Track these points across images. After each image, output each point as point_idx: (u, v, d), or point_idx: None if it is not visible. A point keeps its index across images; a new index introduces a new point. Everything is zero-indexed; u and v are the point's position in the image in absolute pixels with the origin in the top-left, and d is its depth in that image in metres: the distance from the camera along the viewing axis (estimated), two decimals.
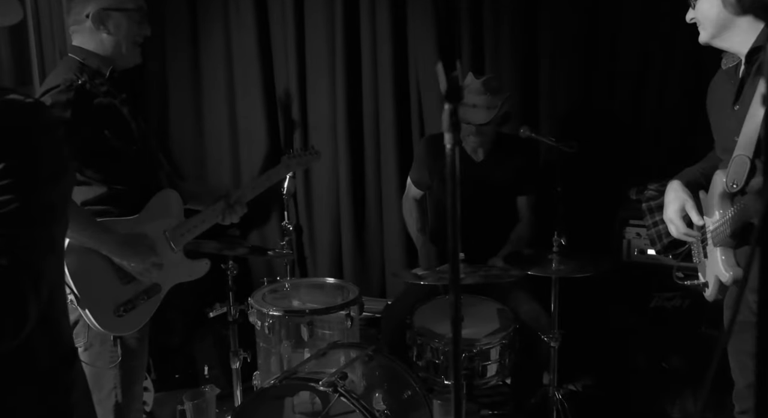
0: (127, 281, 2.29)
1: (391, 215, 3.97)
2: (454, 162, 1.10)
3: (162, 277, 2.42)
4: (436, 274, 2.91)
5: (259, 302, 3.14)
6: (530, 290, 3.18)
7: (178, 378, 3.93)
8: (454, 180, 1.11)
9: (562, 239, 2.79)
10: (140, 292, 2.33)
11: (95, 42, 2.34)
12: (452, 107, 1.07)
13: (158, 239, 2.42)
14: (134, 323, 2.33)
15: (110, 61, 2.36)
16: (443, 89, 1.06)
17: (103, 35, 2.33)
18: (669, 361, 3.07)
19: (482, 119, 3.10)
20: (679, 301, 3.03)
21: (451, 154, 1.10)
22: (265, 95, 4.16)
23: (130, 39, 2.37)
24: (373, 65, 3.88)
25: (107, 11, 2.31)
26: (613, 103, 3.57)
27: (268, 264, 4.32)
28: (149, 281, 2.35)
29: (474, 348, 2.72)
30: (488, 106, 3.10)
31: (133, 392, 2.41)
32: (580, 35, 3.55)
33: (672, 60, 3.40)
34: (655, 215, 3.03)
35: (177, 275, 2.52)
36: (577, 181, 3.38)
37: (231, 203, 2.63)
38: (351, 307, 3.08)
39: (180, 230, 2.51)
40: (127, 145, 2.34)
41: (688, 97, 3.40)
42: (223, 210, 2.62)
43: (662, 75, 3.44)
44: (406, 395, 2.76)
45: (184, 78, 4.31)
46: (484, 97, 3.10)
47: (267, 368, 3.26)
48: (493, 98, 3.11)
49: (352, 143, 4.00)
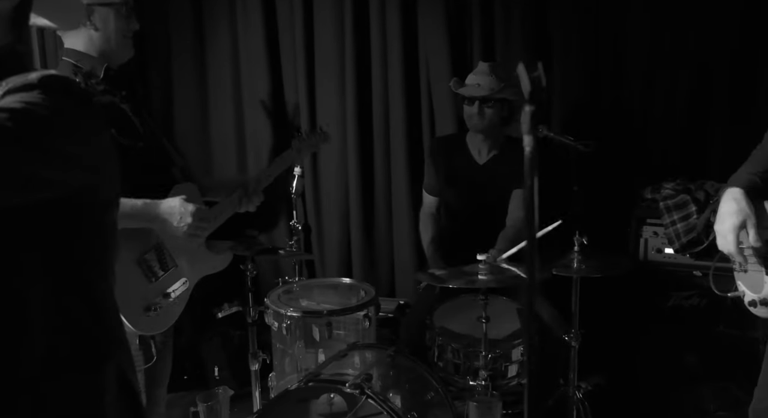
0: (155, 278, 2.27)
1: (400, 214, 3.95)
2: (533, 165, 1.08)
3: (188, 271, 2.40)
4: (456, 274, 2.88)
5: (276, 302, 3.11)
6: (546, 290, 3.18)
7: (187, 380, 3.89)
8: (532, 184, 1.08)
9: (584, 238, 2.77)
10: (167, 289, 2.32)
11: (84, 41, 2.30)
12: (533, 109, 1.05)
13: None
14: (165, 321, 2.33)
15: (103, 59, 2.33)
16: (526, 90, 1.03)
17: (92, 32, 2.30)
18: (686, 360, 3.06)
19: (483, 93, 3.15)
20: (697, 300, 3.03)
21: (531, 157, 1.07)
22: (273, 95, 4.13)
23: (119, 33, 2.34)
24: (383, 63, 3.85)
25: (92, 6, 2.28)
26: (623, 101, 3.57)
27: (276, 264, 4.29)
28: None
29: (497, 349, 2.71)
30: (491, 88, 3.17)
31: (157, 396, 2.38)
32: (591, 33, 3.55)
33: (682, 58, 3.41)
34: (673, 213, 3.05)
35: (202, 269, 2.52)
36: (591, 180, 3.37)
37: (249, 192, 2.63)
38: (369, 307, 3.06)
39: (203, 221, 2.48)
40: (133, 142, 2.31)
41: (699, 96, 3.41)
42: (240, 199, 2.62)
43: (673, 73, 3.44)
44: (429, 396, 2.74)
45: (189, 77, 4.27)
46: (489, 79, 3.19)
47: (282, 369, 3.23)
48: (498, 82, 3.18)
49: (362, 142, 3.97)
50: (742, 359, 2.97)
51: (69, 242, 1.32)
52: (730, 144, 3.36)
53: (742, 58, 3.30)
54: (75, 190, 1.27)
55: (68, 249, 1.32)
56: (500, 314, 2.91)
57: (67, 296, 1.31)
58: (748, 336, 2.95)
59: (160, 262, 2.33)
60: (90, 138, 1.30)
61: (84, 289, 1.36)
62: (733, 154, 3.34)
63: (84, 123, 1.29)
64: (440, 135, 3.74)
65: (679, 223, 3.01)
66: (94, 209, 1.35)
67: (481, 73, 3.24)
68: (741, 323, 2.96)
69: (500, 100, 3.20)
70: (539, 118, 1.06)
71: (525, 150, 1.07)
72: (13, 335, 1.24)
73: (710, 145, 3.41)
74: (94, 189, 1.31)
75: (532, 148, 1.07)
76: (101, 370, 1.40)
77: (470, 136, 3.37)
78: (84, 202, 1.31)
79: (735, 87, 3.33)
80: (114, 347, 1.45)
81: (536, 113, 1.05)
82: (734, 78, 3.33)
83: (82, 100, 1.31)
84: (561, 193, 3.29)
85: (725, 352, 2.98)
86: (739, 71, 3.31)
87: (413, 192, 3.82)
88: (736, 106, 3.34)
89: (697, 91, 3.41)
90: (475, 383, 2.68)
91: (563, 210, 3.32)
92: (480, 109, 3.19)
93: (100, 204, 1.36)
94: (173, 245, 2.38)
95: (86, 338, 1.38)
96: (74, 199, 1.28)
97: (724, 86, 3.35)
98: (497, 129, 3.29)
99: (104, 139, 1.37)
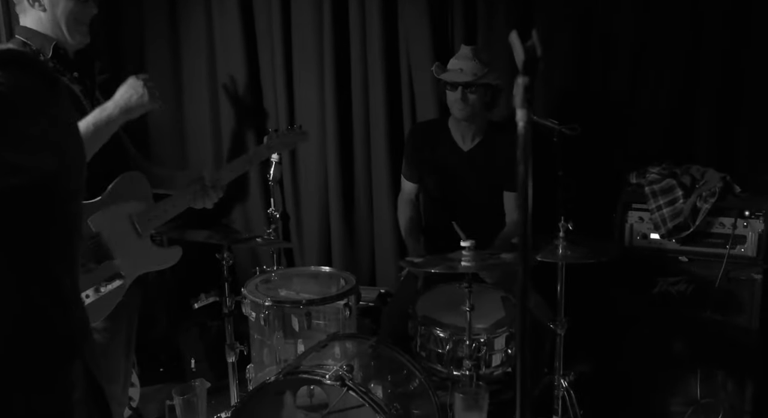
0: (86, 269, 2.16)
1: (381, 201, 3.87)
2: (528, 143, 1.00)
3: (126, 266, 2.28)
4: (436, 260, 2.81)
5: (253, 292, 3.03)
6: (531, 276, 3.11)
7: (163, 372, 3.81)
8: (526, 163, 1.01)
9: (569, 224, 2.71)
10: (99, 281, 2.20)
11: (34, 20, 2.22)
12: (527, 81, 0.97)
13: (123, 224, 2.29)
14: (94, 315, 2.18)
15: (51, 39, 2.22)
16: (519, 60, 0.95)
17: (40, 13, 2.21)
18: (673, 346, 3.02)
19: (466, 78, 3.07)
20: (684, 286, 2.98)
21: (524, 133, 1.00)
22: (250, 83, 4.04)
23: (69, 17, 2.23)
24: (362, 48, 3.76)
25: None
26: (609, 85, 3.50)
27: (254, 253, 4.20)
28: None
29: (481, 338, 2.64)
30: (474, 73, 3.10)
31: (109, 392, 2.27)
32: (575, 17, 3.47)
33: (668, 42, 3.35)
34: (659, 198, 2.99)
35: (144, 264, 2.39)
36: (575, 165, 3.31)
37: (206, 186, 2.49)
38: (349, 296, 2.99)
39: (147, 215, 2.37)
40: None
41: (685, 79, 3.35)
42: (195, 193, 2.48)
43: (659, 57, 3.38)
44: (412, 387, 2.68)
45: (164, 64, 4.17)
46: (472, 63, 3.11)
47: (260, 360, 3.15)
48: (481, 67, 3.11)
49: (341, 128, 3.88)
50: (729, 345, 2.93)
51: (34, 233, 1.24)
52: (717, 128, 3.32)
53: (729, 42, 3.25)
54: (41, 175, 1.18)
55: (33, 240, 1.24)
56: (484, 303, 2.85)
57: (32, 289, 1.24)
58: (735, 322, 2.91)
59: (95, 253, 2.21)
60: (56, 119, 1.22)
61: (50, 282, 1.29)
62: (720, 139, 3.33)
63: (49, 103, 1.20)
64: (421, 121, 3.65)
65: (665, 208, 2.96)
66: (61, 196, 1.27)
67: (463, 57, 3.15)
68: (728, 309, 2.91)
69: (483, 85, 3.12)
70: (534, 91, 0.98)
71: (518, 125, 1.00)
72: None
73: (697, 129, 3.35)
74: (60, 175, 1.23)
75: (526, 123, 1.00)
76: (69, 366, 1.32)
77: (452, 121, 3.29)
78: (51, 190, 1.23)
79: (722, 70, 3.28)
80: (81, 343, 1.37)
81: (530, 86, 0.98)
82: (721, 61, 3.27)
83: (46, 77, 1.22)
84: (545, 179, 3.24)
85: (712, 338, 2.93)
86: (726, 55, 3.26)
87: (394, 179, 3.74)
88: (723, 89, 3.29)
89: (683, 74, 3.35)
90: (459, 373, 2.62)
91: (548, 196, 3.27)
92: (463, 95, 3.10)
93: (66, 191, 1.27)
94: (115, 238, 2.25)
95: (53, 333, 1.31)
96: (40, 186, 1.20)
97: (711, 70, 3.29)
98: (480, 114, 3.21)
99: (71, 120, 1.28)
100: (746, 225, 2.89)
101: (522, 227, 1.02)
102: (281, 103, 3.99)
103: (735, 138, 3.31)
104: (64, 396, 1.30)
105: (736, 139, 3.31)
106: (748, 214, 2.88)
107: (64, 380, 1.30)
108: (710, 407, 2.97)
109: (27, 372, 1.24)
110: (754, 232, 2.88)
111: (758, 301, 2.88)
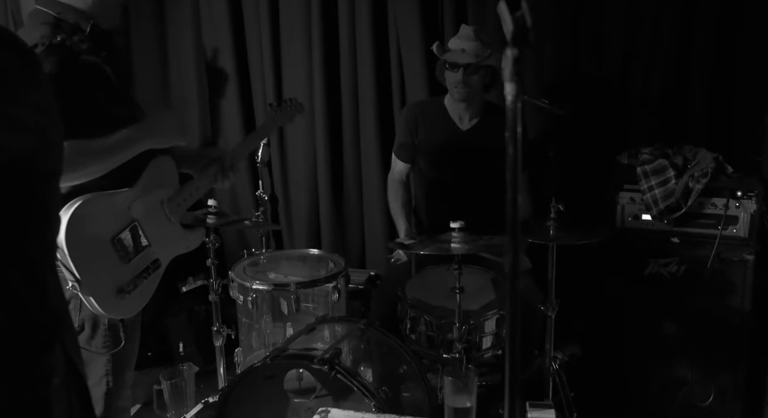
0: (128, 259, 2.11)
1: (370, 183, 3.83)
2: (516, 118, 0.96)
3: (161, 251, 2.25)
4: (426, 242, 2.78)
5: (241, 275, 2.99)
6: None
7: (151, 356, 3.77)
8: (515, 140, 0.97)
9: (561, 205, 2.68)
10: (141, 270, 2.15)
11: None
12: (517, 54, 0.92)
13: (156, 210, 2.26)
14: (137, 304, 2.16)
15: (90, 16, 2.09)
16: (508, 31, 0.91)
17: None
18: (664, 328, 3.00)
19: (469, 60, 3.03)
20: (675, 267, 2.96)
21: (513, 107, 0.96)
22: (237, 61, 3.97)
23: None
24: (350, 27, 3.71)
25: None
26: (601, 65, 3.46)
27: (242, 236, 4.16)
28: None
29: (471, 320, 2.61)
30: (477, 54, 3.05)
31: (124, 379, 2.24)
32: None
33: (660, 22, 3.30)
34: (651, 179, 2.96)
35: (175, 248, 2.36)
36: (567, 146, 3.28)
37: (225, 167, 2.47)
38: (338, 279, 2.96)
39: (176, 200, 2.34)
40: (118, 108, 2.13)
41: (678, 59, 3.32)
42: (216, 174, 2.46)
43: (653, 37, 3.34)
44: (402, 370, 2.65)
45: (149, 36, 4.08)
46: (474, 44, 3.06)
47: (249, 344, 3.13)
48: (483, 48, 3.07)
49: (329, 109, 3.83)
50: (720, 327, 2.92)
51: (10, 215, 1.19)
52: (710, 108, 3.29)
53: (723, 21, 3.21)
54: (18, 156, 1.13)
55: (9, 222, 1.19)
56: (474, 285, 2.81)
57: (8, 271, 1.19)
58: (727, 303, 2.89)
59: (134, 242, 2.15)
60: (36, 99, 1.17)
61: (25, 265, 1.24)
62: (712, 119, 3.30)
63: (28, 83, 1.15)
64: (416, 100, 3.59)
65: (657, 188, 2.93)
66: (39, 178, 1.22)
67: (465, 37, 3.09)
68: (720, 290, 2.90)
69: (484, 66, 3.08)
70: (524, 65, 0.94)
71: (506, 99, 0.95)
72: None
73: (689, 110, 3.32)
74: (37, 155, 1.18)
75: (515, 98, 0.95)
76: (48, 351, 1.28)
77: (449, 101, 3.24)
78: (27, 171, 1.18)
79: (715, 51, 3.24)
80: (59, 328, 1.33)
81: (520, 58, 0.93)
82: (715, 42, 3.24)
83: (24, 53, 1.17)
84: (537, 160, 3.21)
85: (704, 319, 2.92)
86: (719, 35, 3.22)
87: (383, 160, 3.70)
88: (716, 70, 3.25)
89: (676, 54, 3.31)
90: (449, 355, 2.59)
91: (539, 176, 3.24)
92: (465, 76, 3.05)
93: (44, 173, 1.23)
94: (148, 225, 2.21)
95: (29, 317, 1.26)
96: (17, 167, 1.15)
97: (704, 50, 3.26)
98: (479, 95, 3.17)
99: (49, 100, 1.23)
100: (738, 206, 2.87)
101: (511, 207, 0.98)
102: (268, 81, 3.93)
103: (727, 118, 3.28)
104: (42, 382, 1.26)
105: (728, 119, 3.28)
106: (740, 194, 2.86)
107: (42, 366, 1.27)
108: (701, 388, 2.96)
109: (4, 357, 1.21)
110: (746, 212, 2.86)
111: (750, 282, 2.86)
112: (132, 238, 2.15)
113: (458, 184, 3.24)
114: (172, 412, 3.19)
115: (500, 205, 3.26)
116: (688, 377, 2.95)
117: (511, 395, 1.06)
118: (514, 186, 0.96)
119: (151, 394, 3.39)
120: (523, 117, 3.09)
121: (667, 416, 2.96)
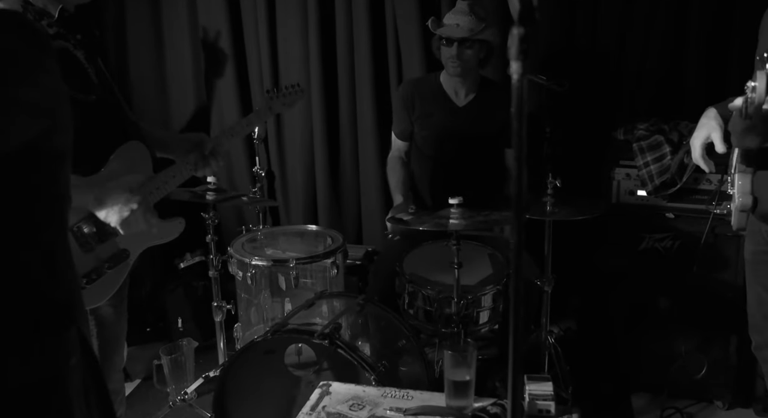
0: (89, 248, 2.03)
1: (367, 159, 3.84)
2: (522, 97, 0.97)
3: (129, 241, 2.14)
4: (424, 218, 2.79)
5: (240, 251, 3.01)
6: None
7: (150, 332, 3.79)
8: (521, 118, 0.98)
9: (557, 180, 2.70)
10: (103, 260, 2.06)
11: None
12: (523, 32, 0.93)
13: None
14: (100, 295, 2.07)
15: (58, 2, 2.01)
16: (515, 9, 0.92)
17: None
18: (659, 302, 3.04)
19: (463, 34, 3.03)
20: (670, 242, 2.99)
21: (519, 86, 0.97)
22: (233, 36, 3.94)
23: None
24: (347, 1, 3.67)
25: None
26: (597, 41, 3.46)
27: (239, 212, 4.17)
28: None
29: (469, 295, 2.64)
30: (471, 29, 3.05)
31: (112, 362, 2.21)
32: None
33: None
34: (646, 154, 2.98)
35: (147, 238, 2.21)
36: (563, 122, 3.28)
37: (206, 154, 2.34)
38: (336, 255, 2.98)
39: (148, 188, 2.15)
40: (85, 95, 2.03)
41: (674, 36, 3.32)
42: (196, 163, 2.32)
43: (648, 14, 3.34)
44: (400, 345, 2.68)
45: (144, 21, 4.04)
46: (468, 18, 3.06)
47: (248, 319, 3.15)
48: (477, 22, 3.06)
49: (326, 84, 3.82)
50: (714, 301, 2.95)
51: (22, 198, 1.20)
52: (706, 84, 3.29)
53: None
54: (28, 140, 1.14)
55: (22, 206, 1.20)
56: (471, 260, 2.83)
57: (22, 254, 1.21)
58: (721, 277, 2.92)
59: (98, 230, 2.05)
60: (45, 82, 1.17)
61: (39, 247, 1.25)
62: (709, 95, 3.30)
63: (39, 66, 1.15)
64: (412, 77, 3.59)
65: (653, 164, 2.95)
66: (49, 160, 1.23)
67: (459, 12, 3.09)
68: (714, 265, 2.93)
69: (479, 41, 3.07)
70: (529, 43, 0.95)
71: (512, 78, 0.96)
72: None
73: (685, 85, 3.33)
74: (47, 139, 1.19)
75: (520, 76, 0.96)
76: (66, 332, 1.31)
77: (444, 77, 3.24)
78: (38, 153, 1.18)
79: (712, 26, 3.24)
80: (75, 310, 1.35)
81: (526, 37, 0.94)
82: (711, 18, 3.24)
83: (36, 37, 1.16)
84: (533, 136, 3.21)
85: (698, 294, 2.95)
86: (716, 9, 3.22)
87: (380, 136, 3.71)
88: (713, 46, 3.26)
89: (672, 31, 3.31)
90: (447, 330, 2.62)
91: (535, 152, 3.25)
92: (459, 51, 3.05)
93: (54, 155, 1.24)
94: None
95: (47, 299, 1.29)
96: (27, 151, 1.16)
97: (701, 26, 3.26)
98: (474, 70, 3.17)
99: (59, 81, 1.23)
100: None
101: (517, 183, 0.99)
102: (264, 58, 3.91)
103: (724, 95, 3.28)
104: (61, 361, 1.28)
105: (724, 95, 3.28)
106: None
107: (61, 347, 1.29)
108: (695, 362, 3.00)
109: (22, 337, 1.22)
110: None
111: (743, 257, 2.89)
112: (95, 226, 2.04)
113: (455, 159, 3.25)
114: (173, 386, 3.22)
115: (497, 180, 3.31)
116: (682, 350, 2.99)
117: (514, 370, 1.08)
118: (519, 163, 0.97)
119: (150, 369, 3.42)
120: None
121: (660, 388, 3.00)
